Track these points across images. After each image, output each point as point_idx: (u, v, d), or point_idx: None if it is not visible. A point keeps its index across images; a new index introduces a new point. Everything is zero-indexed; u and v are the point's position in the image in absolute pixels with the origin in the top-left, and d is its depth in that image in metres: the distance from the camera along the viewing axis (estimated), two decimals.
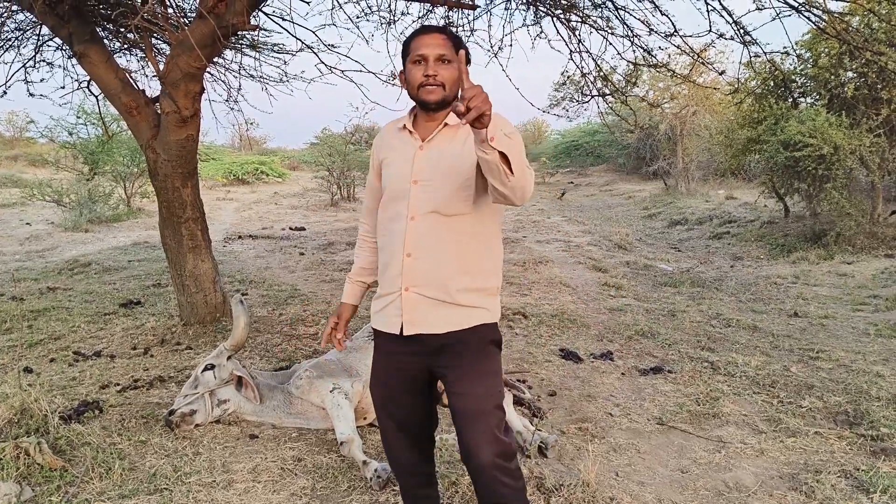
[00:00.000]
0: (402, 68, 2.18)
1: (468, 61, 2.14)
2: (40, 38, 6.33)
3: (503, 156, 1.78)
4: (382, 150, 2.29)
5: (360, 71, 5.49)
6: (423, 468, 2.44)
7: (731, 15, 4.65)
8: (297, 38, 6.34)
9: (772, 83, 11.13)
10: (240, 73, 6.78)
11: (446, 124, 2.14)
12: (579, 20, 5.65)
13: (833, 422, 3.90)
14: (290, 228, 13.72)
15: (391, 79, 5.70)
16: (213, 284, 5.52)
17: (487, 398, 2.13)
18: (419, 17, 6.00)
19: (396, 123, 2.26)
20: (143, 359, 4.87)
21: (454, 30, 6.06)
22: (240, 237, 12.17)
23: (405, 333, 2.15)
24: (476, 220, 2.14)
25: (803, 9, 4.35)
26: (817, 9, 4.45)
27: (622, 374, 4.78)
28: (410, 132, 2.19)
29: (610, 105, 6.43)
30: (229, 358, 3.72)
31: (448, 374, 2.16)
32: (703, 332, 5.87)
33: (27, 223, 13.81)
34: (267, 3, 5.18)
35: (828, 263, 9.38)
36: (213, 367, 3.70)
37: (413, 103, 2.20)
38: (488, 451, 2.09)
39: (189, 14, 5.94)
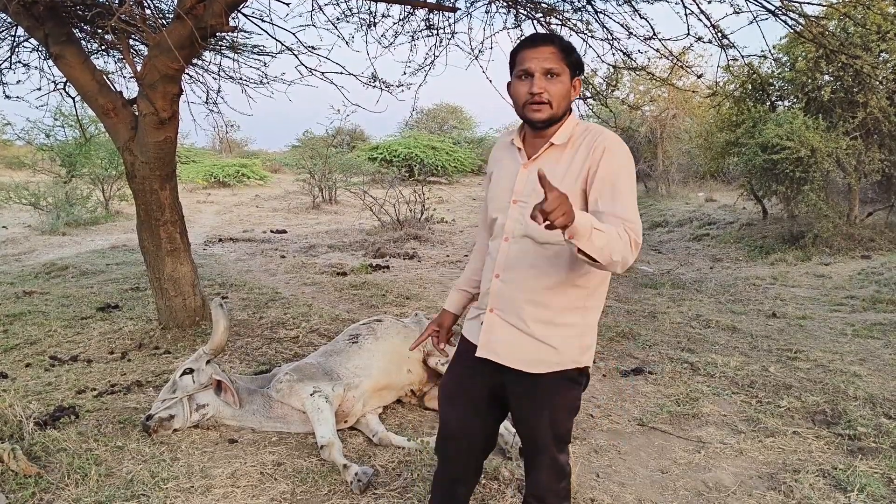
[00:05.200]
0: (509, 80, 2.06)
1: (580, 71, 2.04)
2: (16, 39, 6.25)
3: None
4: (493, 163, 2.22)
5: (341, 73, 5.48)
6: (465, 478, 2.35)
7: (708, 18, 4.69)
8: (277, 40, 6.30)
9: (750, 86, 11.25)
10: (219, 75, 6.73)
11: (552, 144, 2.01)
12: (559, 23, 5.68)
13: (811, 421, 3.94)
14: (272, 231, 13.65)
15: (371, 81, 5.69)
16: (192, 288, 5.47)
17: (547, 432, 2.08)
18: (400, 20, 6.00)
19: (508, 136, 2.18)
20: (121, 363, 4.81)
21: (438, 31, 6.07)
22: (220, 240, 12.09)
23: (477, 354, 2.11)
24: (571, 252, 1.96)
25: (780, 12, 4.39)
26: (794, 12, 4.50)
27: (603, 375, 4.79)
28: (519, 149, 2.10)
29: (591, 108, 6.46)
30: (208, 362, 3.69)
31: (520, 403, 2.11)
32: (683, 334, 5.90)
33: (3, 226, 13.62)
34: (246, 4, 5.15)
35: (805, 265, 9.48)
36: (191, 371, 3.66)
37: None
38: (544, 484, 2.13)
39: (167, 15, 5.89)
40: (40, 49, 6.20)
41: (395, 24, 6.01)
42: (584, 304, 2.04)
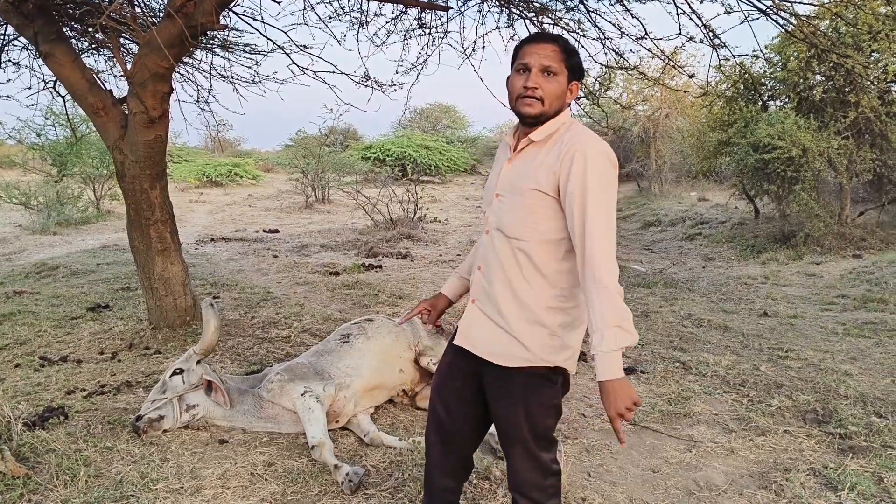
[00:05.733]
0: (509, 74, 2.08)
1: (580, 75, 2.04)
2: (6, 37, 6.20)
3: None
4: (494, 162, 2.25)
5: (333, 72, 5.47)
6: (452, 469, 2.37)
7: (700, 18, 4.70)
8: (269, 39, 6.30)
9: (742, 86, 11.27)
10: (211, 74, 6.70)
11: (531, 140, 2.03)
12: (552, 22, 5.67)
13: (802, 420, 3.94)
14: (264, 231, 13.61)
15: (363, 80, 5.67)
16: (182, 287, 5.44)
17: (522, 427, 2.09)
18: (392, 19, 5.98)
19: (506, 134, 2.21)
20: (111, 364, 4.78)
21: (430, 30, 6.06)
22: (212, 239, 12.05)
23: (455, 342, 2.16)
24: (541, 251, 2.00)
25: (771, 12, 4.40)
26: (785, 12, 4.51)
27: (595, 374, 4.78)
28: (510, 145, 2.12)
29: (582, 108, 6.46)
30: (199, 362, 3.67)
31: (495, 394, 2.13)
32: (675, 333, 5.91)
33: None
34: (237, 2, 5.13)
35: (797, 264, 9.51)
36: (181, 371, 3.64)
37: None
38: (522, 478, 2.14)
39: (158, 13, 5.86)
40: (30, 47, 6.16)
41: (387, 22, 6.01)
42: (559, 306, 2.03)
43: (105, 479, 3.09)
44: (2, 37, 6.21)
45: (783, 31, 5.20)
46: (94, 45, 6.41)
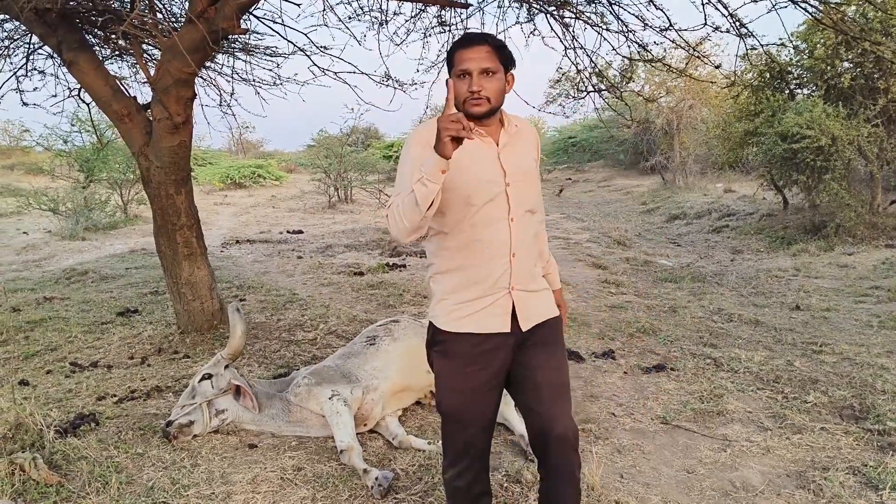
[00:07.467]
0: (448, 77, 2.18)
1: (513, 65, 2.21)
2: (31, 46, 6.27)
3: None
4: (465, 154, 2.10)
5: (353, 72, 5.45)
6: (486, 486, 2.42)
7: (726, 8, 4.60)
8: (289, 41, 6.29)
9: (768, 75, 11.09)
10: (233, 78, 6.72)
11: (516, 126, 2.27)
12: (573, 16, 5.60)
13: (839, 417, 3.85)
14: (288, 232, 13.67)
15: (384, 79, 5.65)
16: (209, 291, 5.46)
17: (567, 371, 2.31)
18: (412, 17, 5.94)
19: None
20: (141, 368, 4.82)
21: (450, 27, 6.02)
22: (237, 242, 12.11)
23: (524, 329, 2.21)
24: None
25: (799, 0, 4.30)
26: None
27: (624, 372, 4.73)
28: (481, 134, 2.16)
29: (605, 100, 6.38)
30: (227, 367, 3.67)
31: (540, 351, 2.24)
32: (704, 328, 5.82)
33: (24, 232, 13.76)
34: (258, 6, 5.12)
35: (828, 255, 9.34)
36: (210, 376, 3.65)
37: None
38: (571, 422, 2.21)
39: (181, 18, 5.88)
40: (54, 56, 6.22)
41: (407, 21, 5.97)
42: None
43: (137, 486, 3.10)
44: (27, 46, 6.28)
45: (811, 17, 5.08)
46: (117, 53, 6.46)
